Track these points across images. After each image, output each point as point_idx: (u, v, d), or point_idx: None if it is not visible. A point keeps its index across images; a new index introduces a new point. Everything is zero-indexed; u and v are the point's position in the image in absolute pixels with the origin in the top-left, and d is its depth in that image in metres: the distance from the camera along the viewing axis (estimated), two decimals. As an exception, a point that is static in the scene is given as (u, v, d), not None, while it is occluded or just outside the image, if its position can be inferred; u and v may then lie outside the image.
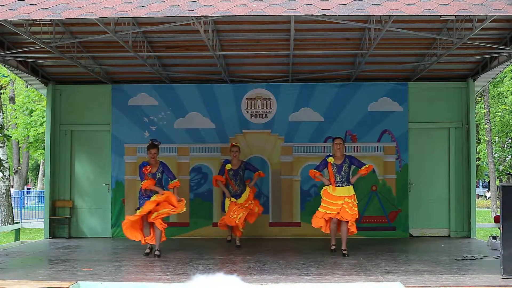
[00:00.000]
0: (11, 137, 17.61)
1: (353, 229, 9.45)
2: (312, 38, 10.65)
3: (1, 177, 17.65)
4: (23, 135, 22.75)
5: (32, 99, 23.13)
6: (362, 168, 9.44)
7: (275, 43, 10.79)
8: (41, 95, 21.23)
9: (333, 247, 9.53)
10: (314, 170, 9.65)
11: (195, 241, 11.61)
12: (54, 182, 12.64)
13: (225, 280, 6.87)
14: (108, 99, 12.59)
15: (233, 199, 10.46)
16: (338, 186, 9.41)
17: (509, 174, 15.84)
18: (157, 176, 9.46)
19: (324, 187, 9.59)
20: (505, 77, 25.99)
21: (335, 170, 9.44)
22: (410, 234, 12.29)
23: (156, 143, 9.65)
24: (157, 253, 9.30)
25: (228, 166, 10.54)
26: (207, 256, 9.43)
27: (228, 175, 10.55)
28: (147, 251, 9.49)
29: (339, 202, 9.35)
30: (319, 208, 9.55)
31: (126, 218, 9.61)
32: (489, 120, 25.84)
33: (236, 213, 10.36)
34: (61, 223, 12.54)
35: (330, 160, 9.49)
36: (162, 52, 11.14)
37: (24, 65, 11.75)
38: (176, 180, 9.65)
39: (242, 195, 10.53)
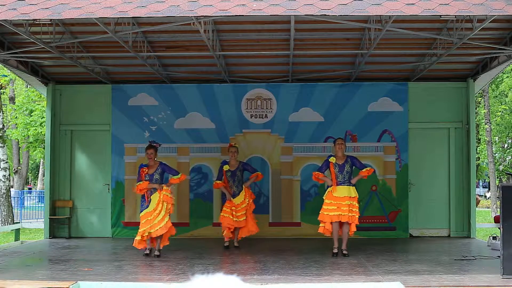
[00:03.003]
0: (7, 139, 17.61)
1: (353, 228, 9.42)
2: (312, 38, 10.64)
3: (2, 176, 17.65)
4: (23, 135, 22.74)
5: (32, 99, 23.12)
6: (363, 170, 9.42)
7: (275, 43, 10.79)
8: (41, 95, 21.22)
9: (335, 250, 9.33)
10: (317, 172, 9.58)
11: (195, 241, 11.60)
12: (54, 182, 12.63)
13: (225, 280, 6.86)
14: (108, 99, 12.59)
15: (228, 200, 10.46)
16: (339, 185, 9.37)
17: (509, 174, 15.83)
18: (154, 177, 9.44)
19: (327, 190, 9.53)
20: (507, 77, 26.00)
21: (337, 170, 9.41)
22: (410, 234, 12.29)
23: (155, 144, 9.65)
24: (157, 253, 9.31)
25: (226, 167, 10.50)
26: (207, 256, 9.43)
27: (226, 176, 10.51)
28: (147, 252, 9.47)
29: (343, 203, 9.24)
30: (323, 212, 9.38)
31: (137, 239, 9.44)
32: (489, 120, 25.84)
33: (234, 215, 10.34)
34: (61, 223, 12.53)
35: (332, 160, 9.46)
36: (162, 52, 11.14)
37: (24, 65, 11.75)
38: (178, 176, 9.61)
39: (239, 194, 10.51)
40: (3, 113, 18.85)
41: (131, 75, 12.56)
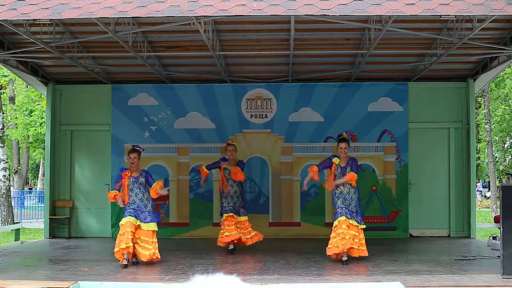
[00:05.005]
0: (6, 139, 17.62)
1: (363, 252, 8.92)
2: (312, 38, 10.64)
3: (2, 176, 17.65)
4: (23, 135, 22.75)
5: (32, 99, 23.12)
6: (348, 174, 8.82)
7: (275, 43, 10.79)
8: (41, 95, 21.22)
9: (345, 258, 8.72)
10: (315, 167, 8.94)
11: (195, 241, 11.61)
12: (54, 182, 12.64)
13: (225, 280, 6.87)
14: (108, 99, 12.59)
15: (230, 214, 9.97)
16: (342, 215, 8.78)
17: (509, 174, 15.83)
18: (140, 180, 8.78)
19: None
20: (508, 78, 25.98)
21: (338, 172, 8.90)
22: (410, 234, 12.30)
23: (138, 148, 9.02)
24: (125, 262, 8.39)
25: (224, 164, 10.19)
26: (207, 256, 9.43)
27: (224, 173, 10.26)
28: (125, 262, 8.40)
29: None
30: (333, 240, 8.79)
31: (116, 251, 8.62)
32: (489, 120, 25.82)
33: (235, 229, 9.92)
34: (61, 223, 12.54)
35: (336, 161, 8.92)
36: (162, 52, 11.14)
37: (24, 65, 11.75)
38: (155, 183, 8.79)
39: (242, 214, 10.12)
40: (3, 113, 18.85)
41: (131, 75, 12.56)
